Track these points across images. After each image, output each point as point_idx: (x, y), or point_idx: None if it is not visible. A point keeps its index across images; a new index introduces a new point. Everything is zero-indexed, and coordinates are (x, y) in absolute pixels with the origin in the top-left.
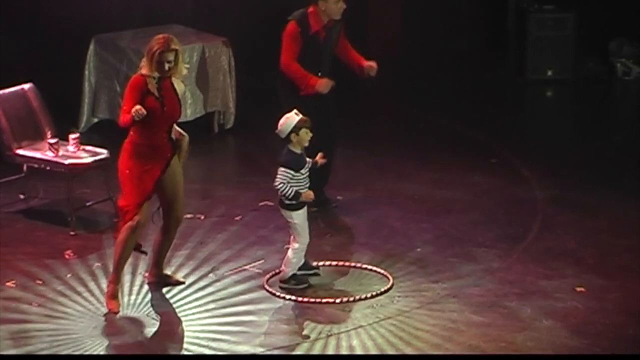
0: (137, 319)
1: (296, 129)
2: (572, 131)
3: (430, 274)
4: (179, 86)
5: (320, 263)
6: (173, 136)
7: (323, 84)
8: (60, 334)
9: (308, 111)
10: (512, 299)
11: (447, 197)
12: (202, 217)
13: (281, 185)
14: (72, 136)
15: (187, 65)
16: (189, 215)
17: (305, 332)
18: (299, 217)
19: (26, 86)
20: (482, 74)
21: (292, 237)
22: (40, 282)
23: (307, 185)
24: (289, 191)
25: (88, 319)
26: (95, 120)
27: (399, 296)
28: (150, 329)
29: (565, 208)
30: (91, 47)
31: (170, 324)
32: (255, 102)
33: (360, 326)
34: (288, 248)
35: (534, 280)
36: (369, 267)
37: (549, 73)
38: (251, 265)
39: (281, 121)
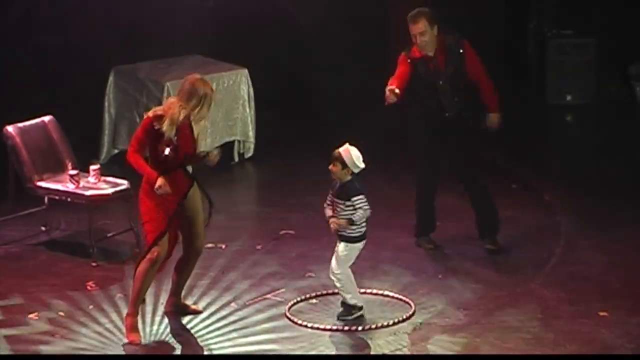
0: (159, 349)
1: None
2: (593, 156)
3: (453, 300)
4: (197, 124)
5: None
6: (190, 169)
7: (388, 93)
8: None
9: (422, 135)
10: (536, 324)
11: (469, 222)
12: (224, 246)
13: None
14: (92, 167)
15: None
16: (210, 245)
17: None
18: (353, 250)
19: (46, 118)
20: (502, 99)
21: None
22: (62, 314)
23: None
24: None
25: (110, 350)
26: (116, 151)
27: (421, 323)
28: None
29: (588, 232)
30: (110, 78)
31: (192, 354)
32: (275, 131)
33: (383, 354)
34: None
35: (557, 305)
36: (391, 294)
37: (569, 98)
38: (273, 294)
39: (355, 154)
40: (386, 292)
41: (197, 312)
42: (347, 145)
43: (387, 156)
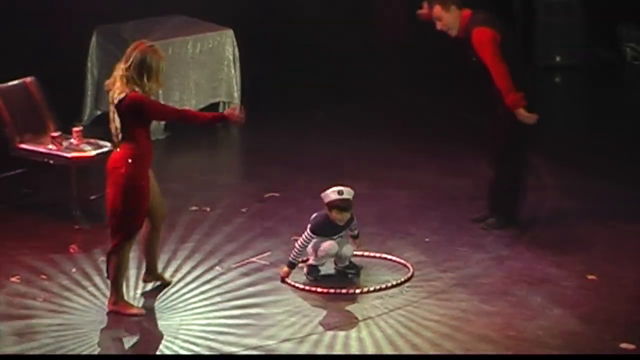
0: (143, 313)
1: (329, 205)
2: (581, 118)
3: (438, 264)
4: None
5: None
6: None
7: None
8: (66, 329)
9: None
10: (522, 287)
11: (455, 185)
12: (208, 210)
13: (298, 247)
14: (75, 129)
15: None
16: (194, 208)
17: (313, 324)
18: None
19: (28, 79)
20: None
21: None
22: (45, 277)
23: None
24: (297, 256)
25: (94, 313)
26: (99, 112)
27: (407, 286)
28: (157, 323)
29: (574, 195)
30: (93, 39)
31: (177, 318)
32: (260, 92)
33: (369, 317)
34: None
35: (543, 269)
36: (389, 257)
37: (558, 59)
38: (257, 257)
39: (329, 190)
40: (384, 255)
41: (166, 283)
42: (346, 192)
43: (372, 118)
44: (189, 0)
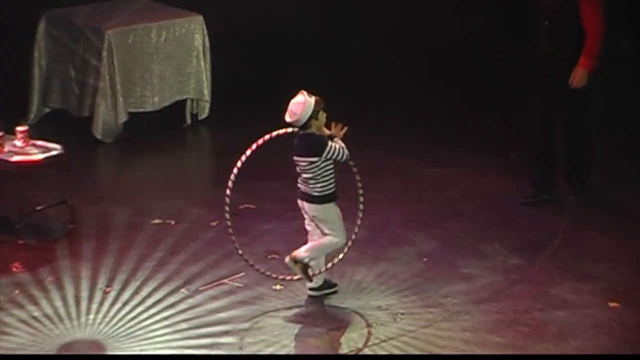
0: (97, 342)
1: (315, 112)
2: (603, 119)
3: (439, 288)
4: None
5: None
6: None
7: None
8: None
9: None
10: (535, 315)
11: (458, 197)
12: (173, 223)
13: (343, 155)
14: (19, 129)
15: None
16: (157, 221)
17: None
18: (335, 210)
19: None
20: (498, 55)
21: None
22: None
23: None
24: (342, 154)
25: (40, 341)
26: (47, 110)
27: (402, 313)
28: (113, 353)
29: (595, 208)
30: (41, 25)
31: (136, 347)
32: (233, 88)
33: (357, 348)
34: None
35: (559, 294)
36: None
37: None
38: (229, 278)
39: (295, 108)
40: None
41: None
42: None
43: (363, 120)
44: None
